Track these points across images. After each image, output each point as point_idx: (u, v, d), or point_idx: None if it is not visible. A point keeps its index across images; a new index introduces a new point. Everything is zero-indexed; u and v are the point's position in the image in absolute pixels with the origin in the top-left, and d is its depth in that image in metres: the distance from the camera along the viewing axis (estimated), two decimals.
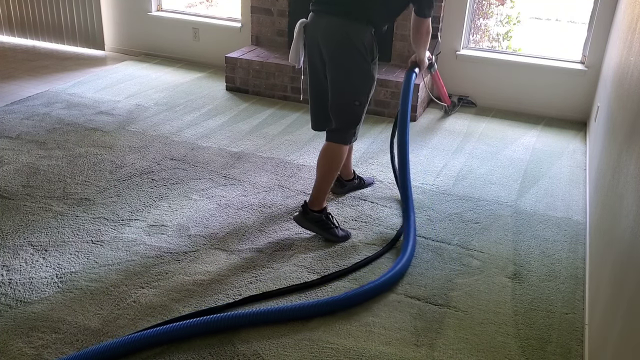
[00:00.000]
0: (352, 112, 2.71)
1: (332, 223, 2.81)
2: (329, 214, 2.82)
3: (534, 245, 2.87)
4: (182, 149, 3.74)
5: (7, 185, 3.19)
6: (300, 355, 2.10)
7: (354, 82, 2.66)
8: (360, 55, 2.61)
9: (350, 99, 2.68)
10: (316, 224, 2.78)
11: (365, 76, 2.66)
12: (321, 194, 2.78)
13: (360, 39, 2.59)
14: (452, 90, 4.90)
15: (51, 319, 2.23)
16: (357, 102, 2.69)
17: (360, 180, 3.31)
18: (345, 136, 2.76)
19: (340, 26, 2.58)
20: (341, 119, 2.74)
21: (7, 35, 6.25)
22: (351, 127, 2.75)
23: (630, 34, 3.06)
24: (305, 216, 2.78)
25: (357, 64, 2.63)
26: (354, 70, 2.63)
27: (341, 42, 2.60)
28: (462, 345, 2.20)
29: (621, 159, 2.35)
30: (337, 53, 2.62)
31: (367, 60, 2.63)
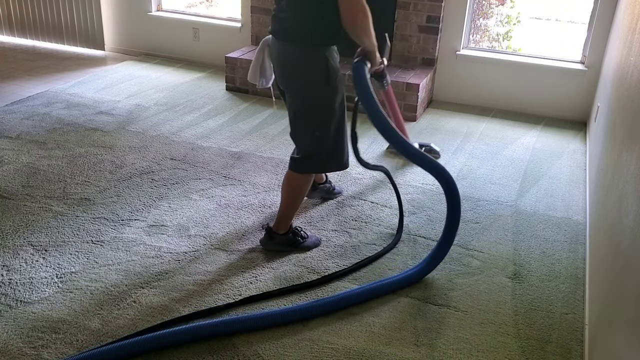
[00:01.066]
0: (311, 142, 2.49)
1: (300, 237, 2.73)
2: (295, 229, 2.72)
3: (534, 245, 2.87)
4: (182, 149, 3.74)
5: (7, 185, 3.19)
6: (300, 355, 2.10)
7: (308, 110, 2.45)
8: (315, 84, 2.38)
9: (307, 129, 2.48)
10: (284, 244, 2.71)
11: (322, 105, 2.43)
12: (285, 219, 2.67)
13: (312, 67, 2.36)
14: (453, 91, 4.90)
15: (51, 319, 2.23)
16: (316, 132, 2.46)
17: (331, 185, 3.20)
18: (304, 166, 2.55)
19: (289, 54, 2.39)
20: (300, 148, 2.55)
21: (7, 35, 6.25)
22: (312, 157, 2.53)
23: (630, 34, 3.06)
24: (271, 240, 2.70)
25: (309, 92, 2.42)
26: (306, 98, 2.44)
27: (291, 70, 2.42)
28: (462, 345, 2.20)
29: (621, 159, 2.35)
30: (286, 81, 2.47)
31: (320, 87, 2.39)
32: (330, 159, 2.57)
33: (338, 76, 2.43)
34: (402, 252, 2.76)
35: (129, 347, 2.04)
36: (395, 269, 2.62)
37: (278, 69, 2.50)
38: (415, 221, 3.03)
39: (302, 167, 2.57)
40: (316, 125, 2.46)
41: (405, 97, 4.44)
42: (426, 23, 4.66)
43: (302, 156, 2.55)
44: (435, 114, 4.65)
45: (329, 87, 2.40)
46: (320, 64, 2.36)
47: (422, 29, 4.69)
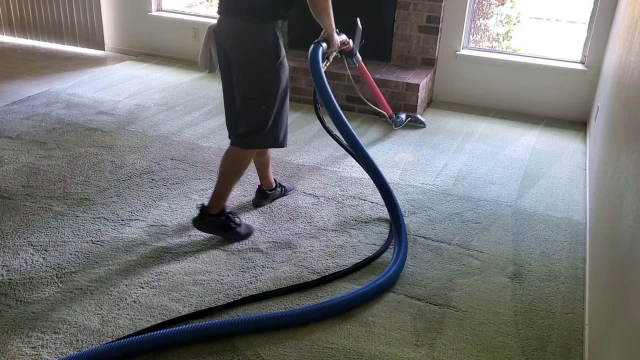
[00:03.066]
0: (257, 115, 2.61)
1: (233, 222, 2.76)
2: (228, 214, 2.75)
3: (534, 245, 2.87)
4: (182, 149, 3.74)
5: (7, 185, 3.19)
6: (300, 355, 2.10)
7: (258, 85, 2.57)
8: (265, 57, 2.52)
9: (254, 103, 2.59)
10: (216, 226, 2.73)
11: (271, 78, 2.56)
12: (220, 198, 2.71)
13: (261, 39, 2.49)
14: (453, 91, 4.90)
15: (51, 319, 2.23)
16: (263, 105, 2.58)
17: (282, 188, 3.20)
18: (249, 141, 2.66)
19: (241, 28, 2.51)
20: (246, 123, 2.64)
21: (7, 35, 6.25)
22: (257, 132, 2.64)
23: (630, 34, 3.06)
24: (203, 220, 2.72)
25: (261, 67, 2.54)
26: (258, 73, 2.55)
27: (242, 45, 2.52)
28: (462, 345, 2.20)
29: (621, 159, 2.35)
30: (240, 56, 2.55)
31: (272, 62, 2.53)
32: (271, 134, 2.69)
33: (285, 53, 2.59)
34: None
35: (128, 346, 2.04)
36: None
37: (229, 44, 2.56)
38: (415, 221, 3.03)
39: (246, 142, 2.67)
40: (264, 100, 2.59)
41: (405, 97, 4.44)
42: (426, 23, 4.66)
43: (246, 131, 2.65)
44: (435, 114, 4.65)
45: (277, 61, 2.55)
46: (270, 37, 2.50)
47: (422, 29, 4.69)
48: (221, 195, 2.72)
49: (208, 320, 2.24)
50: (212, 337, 2.14)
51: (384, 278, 2.47)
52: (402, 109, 4.46)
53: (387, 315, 2.33)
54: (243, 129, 2.66)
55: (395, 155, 3.84)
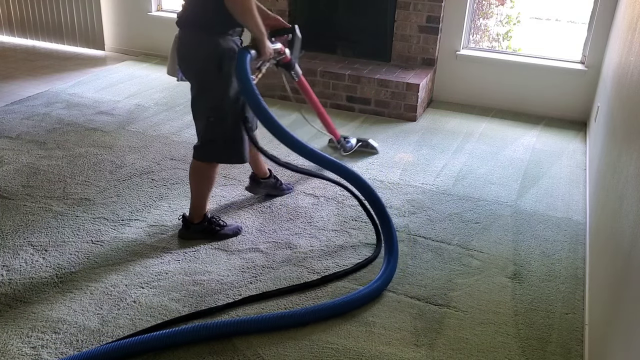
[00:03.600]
0: (207, 127, 2.57)
1: (217, 225, 2.77)
2: (211, 219, 2.77)
3: (534, 245, 2.87)
4: (182, 149, 3.74)
5: (7, 185, 3.19)
6: (300, 355, 2.10)
7: (204, 97, 2.55)
8: (208, 70, 2.47)
9: (201, 114, 2.58)
10: (201, 233, 2.76)
11: (215, 92, 2.50)
12: (198, 209, 2.73)
13: (206, 53, 2.45)
14: (453, 91, 4.90)
15: (51, 319, 2.23)
16: (210, 117, 2.54)
17: (277, 181, 3.18)
18: (203, 153, 2.62)
19: (187, 40, 2.51)
20: (199, 134, 2.64)
21: (7, 35, 6.25)
22: (211, 144, 2.59)
23: (630, 34, 3.06)
24: (187, 230, 2.75)
25: (205, 79, 2.51)
26: (203, 84, 2.54)
27: (186, 55, 2.52)
28: (462, 345, 2.19)
29: (621, 159, 2.35)
30: (187, 67, 2.56)
31: (215, 75, 2.47)
32: (227, 149, 2.62)
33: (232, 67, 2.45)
34: (402, 252, 2.75)
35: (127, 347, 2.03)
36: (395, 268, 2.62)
37: (179, 54, 2.58)
38: (415, 221, 3.03)
39: (201, 154, 2.64)
40: (210, 112, 2.54)
41: (405, 97, 4.44)
42: (426, 23, 4.66)
43: (200, 143, 2.64)
44: (435, 114, 4.65)
45: (222, 75, 2.47)
46: (213, 50, 2.44)
47: (422, 29, 4.69)
48: (198, 206, 2.74)
49: (204, 321, 2.24)
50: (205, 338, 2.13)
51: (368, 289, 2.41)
52: (402, 109, 4.47)
53: (387, 315, 2.33)
54: (199, 139, 2.66)
55: (395, 155, 3.84)
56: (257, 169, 3.07)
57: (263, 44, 2.50)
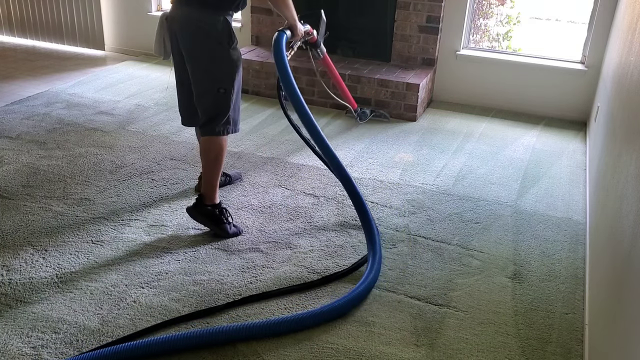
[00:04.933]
0: (216, 100, 2.70)
1: (225, 218, 2.82)
2: (223, 209, 2.82)
3: (534, 245, 2.87)
4: (182, 149, 3.74)
5: (7, 185, 3.19)
6: (300, 355, 2.10)
7: (212, 69, 2.67)
8: (216, 42, 2.62)
9: (211, 87, 2.68)
10: (208, 217, 2.80)
11: (225, 62, 2.66)
12: (211, 188, 2.79)
13: (213, 26, 2.60)
14: (453, 91, 4.90)
15: (51, 319, 2.23)
16: (221, 89, 2.68)
17: (227, 176, 3.28)
18: (214, 127, 2.74)
19: (192, 16, 2.61)
20: (206, 109, 2.73)
21: (7, 35, 6.25)
22: (219, 117, 2.73)
23: (630, 34, 3.06)
24: (197, 209, 2.80)
25: (214, 52, 2.63)
26: (211, 58, 2.65)
27: (195, 32, 2.62)
28: (462, 345, 2.19)
29: (621, 159, 2.35)
30: (192, 43, 2.65)
31: (224, 46, 2.63)
32: (231, 119, 2.77)
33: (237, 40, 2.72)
34: (402, 252, 2.76)
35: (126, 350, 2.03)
36: (395, 268, 2.62)
37: (183, 33, 2.66)
38: (415, 221, 3.03)
39: (213, 128, 2.74)
40: (221, 84, 2.68)
41: (405, 97, 4.44)
42: (426, 23, 4.66)
43: (208, 118, 2.73)
44: (435, 114, 4.65)
45: (231, 47, 2.66)
46: (223, 26, 2.62)
47: (422, 29, 4.69)
48: (211, 185, 2.79)
49: (204, 321, 2.25)
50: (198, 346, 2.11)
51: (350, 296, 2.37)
52: (402, 109, 4.47)
53: (387, 315, 2.33)
54: (205, 116, 2.74)
55: (395, 155, 3.84)
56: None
57: (296, 27, 2.99)
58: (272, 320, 2.21)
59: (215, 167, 2.78)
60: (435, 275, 2.59)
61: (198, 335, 2.10)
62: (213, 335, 2.12)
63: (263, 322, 2.20)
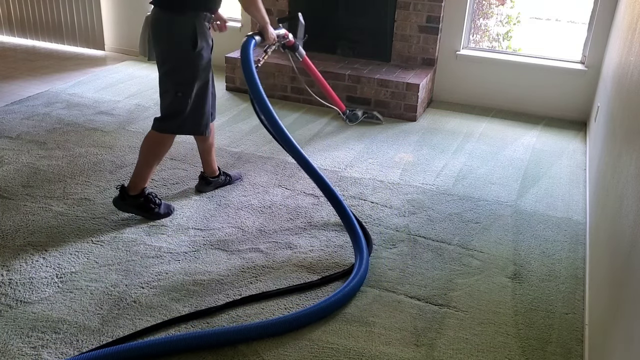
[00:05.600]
0: (174, 102, 2.73)
1: (153, 203, 2.87)
2: (148, 195, 2.87)
3: (534, 245, 2.87)
4: (182, 149, 3.74)
5: (7, 185, 3.19)
6: (300, 355, 2.10)
7: (173, 72, 2.70)
8: (181, 46, 2.64)
9: (170, 89, 2.72)
10: (136, 207, 2.86)
11: (185, 66, 2.68)
12: (140, 180, 2.84)
13: (179, 28, 2.62)
14: (453, 91, 4.90)
15: (51, 319, 2.23)
16: (179, 92, 2.70)
17: (227, 176, 3.30)
18: (165, 125, 2.78)
19: (161, 17, 2.65)
20: (164, 107, 2.79)
21: (7, 35, 6.25)
22: (173, 118, 2.76)
23: (630, 34, 3.06)
24: (123, 201, 2.84)
25: (176, 54, 2.67)
26: (174, 60, 2.68)
27: (160, 34, 2.67)
28: (462, 345, 2.19)
29: (621, 159, 2.35)
30: (160, 44, 2.70)
31: (186, 50, 2.64)
32: (188, 121, 2.80)
33: (205, 44, 2.70)
34: (402, 252, 2.76)
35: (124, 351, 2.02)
36: (395, 268, 2.62)
37: (153, 32, 2.72)
38: (415, 221, 3.03)
39: (162, 126, 2.79)
40: (179, 87, 2.71)
41: (405, 97, 4.44)
42: (426, 23, 4.66)
43: (164, 115, 2.79)
44: (435, 114, 4.65)
45: (195, 52, 2.65)
46: (189, 30, 2.62)
47: (422, 29, 4.69)
48: (141, 177, 2.84)
49: (205, 320, 2.25)
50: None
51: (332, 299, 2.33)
52: (402, 109, 4.47)
53: (387, 315, 2.33)
54: (161, 113, 2.80)
55: (395, 155, 3.84)
56: (207, 167, 3.19)
57: (267, 30, 2.97)
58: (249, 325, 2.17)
59: (153, 161, 2.84)
60: (435, 275, 2.59)
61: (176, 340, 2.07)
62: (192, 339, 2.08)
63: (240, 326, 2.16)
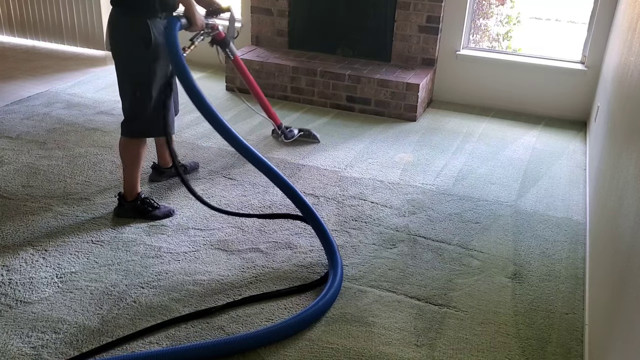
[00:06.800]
0: (132, 103, 2.73)
1: (150, 206, 2.91)
2: (144, 199, 2.92)
3: (534, 245, 2.87)
4: (182, 149, 3.74)
5: (7, 185, 3.19)
6: (300, 355, 2.10)
7: (129, 72, 2.70)
8: (135, 46, 2.63)
9: (128, 90, 2.72)
10: (134, 211, 2.90)
11: (141, 67, 2.67)
12: (129, 185, 2.88)
13: (132, 28, 2.61)
14: (453, 91, 4.90)
15: (51, 319, 2.23)
16: (137, 92, 2.70)
17: (182, 167, 3.33)
18: (128, 128, 2.78)
19: (116, 17, 2.66)
20: (124, 110, 2.79)
21: (7, 35, 6.24)
22: (134, 120, 2.76)
23: (630, 34, 3.06)
24: (122, 207, 2.91)
25: (132, 55, 2.66)
26: (129, 60, 2.68)
27: (114, 34, 2.67)
28: (462, 345, 2.20)
29: (621, 159, 2.35)
30: (114, 44, 2.69)
31: (142, 51, 2.63)
32: (152, 123, 2.78)
33: (160, 45, 2.65)
34: (402, 252, 2.76)
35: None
36: (395, 268, 2.62)
37: (110, 32, 2.71)
38: (415, 221, 3.03)
39: (129, 130, 2.80)
40: (137, 86, 2.70)
41: (405, 97, 4.44)
42: (426, 23, 4.66)
43: (126, 118, 2.79)
44: (435, 114, 4.65)
45: (149, 52, 2.64)
46: (142, 29, 2.60)
47: (422, 29, 4.69)
48: (130, 183, 2.88)
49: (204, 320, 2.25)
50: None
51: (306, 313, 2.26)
52: (402, 109, 4.47)
53: (387, 315, 2.33)
54: (124, 117, 2.80)
55: (395, 155, 3.84)
56: (161, 158, 3.26)
57: (192, 13, 2.71)
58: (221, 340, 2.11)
59: (134, 166, 2.85)
60: (435, 275, 2.59)
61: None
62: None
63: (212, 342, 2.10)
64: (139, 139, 2.83)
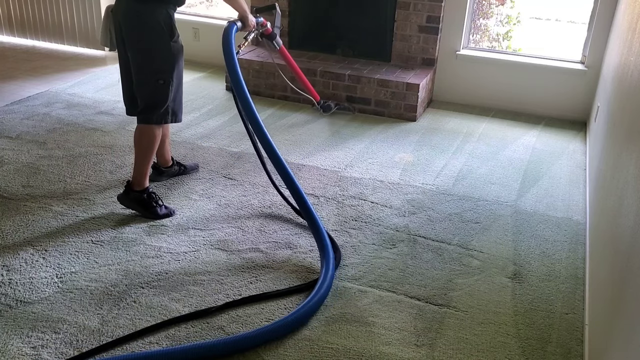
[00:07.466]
0: (155, 91, 2.78)
1: (154, 201, 2.93)
2: (151, 193, 2.93)
3: (534, 245, 2.87)
4: (182, 149, 3.74)
5: (7, 185, 3.19)
6: (300, 355, 2.10)
7: (153, 61, 2.75)
8: (157, 35, 2.70)
9: (151, 78, 2.76)
10: (138, 202, 2.91)
11: (165, 54, 2.74)
12: (139, 174, 2.90)
13: (154, 19, 2.68)
14: (453, 91, 4.90)
15: (51, 319, 2.23)
16: (160, 80, 2.76)
17: (180, 166, 3.37)
18: (150, 116, 2.82)
19: (134, 7, 2.69)
20: (144, 98, 2.82)
21: (7, 35, 6.25)
22: (156, 107, 2.81)
23: (630, 34, 3.06)
24: (127, 195, 2.91)
25: (155, 44, 2.72)
26: (151, 49, 2.73)
27: (137, 24, 2.71)
28: (462, 345, 2.20)
29: (621, 159, 2.35)
30: (134, 34, 2.73)
31: (164, 39, 2.72)
32: (169, 110, 2.86)
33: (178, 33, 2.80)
34: (402, 252, 2.76)
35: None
36: (395, 268, 2.62)
37: (125, 25, 2.74)
38: (415, 221, 3.03)
39: (148, 117, 2.83)
40: (160, 75, 2.76)
41: (405, 97, 4.44)
42: (426, 23, 4.66)
43: (145, 107, 2.82)
44: (436, 114, 4.65)
45: (172, 40, 2.75)
46: (163, 17, 2.71)
47: (422, 29, 4.69)
48: (140, 172, 2.90)
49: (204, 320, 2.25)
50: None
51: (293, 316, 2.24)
52: (402, 109, 4.47)
53: (387, 315, 2.33)
54: (142, 105, 2.83)
55: (395, 155, 3.84)
56: (160, 157, 3.24)
57: (247, 18, 3.03)
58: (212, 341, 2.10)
59: (147, 155, 2.88)
60: (435, 275, 2.59)
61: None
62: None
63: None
64: (157, 127, 2.86)
